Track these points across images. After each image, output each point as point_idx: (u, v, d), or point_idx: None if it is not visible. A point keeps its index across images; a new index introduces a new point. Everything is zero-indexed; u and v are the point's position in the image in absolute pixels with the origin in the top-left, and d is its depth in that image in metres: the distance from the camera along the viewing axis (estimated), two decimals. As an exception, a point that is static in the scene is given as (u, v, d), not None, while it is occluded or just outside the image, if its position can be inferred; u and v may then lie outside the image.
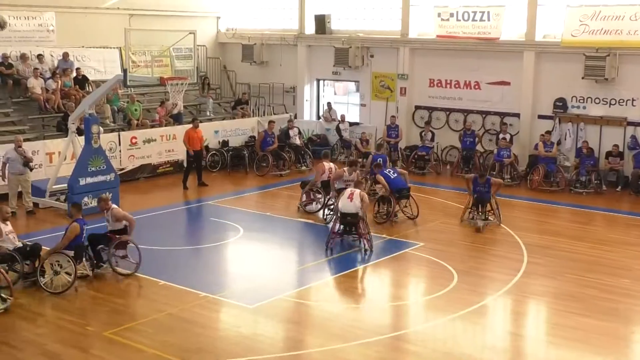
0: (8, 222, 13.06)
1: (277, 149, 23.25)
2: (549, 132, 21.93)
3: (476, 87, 24.12)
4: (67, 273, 12.62)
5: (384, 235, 16.11)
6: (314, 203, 18.20)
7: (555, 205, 19.36)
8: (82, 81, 22.99)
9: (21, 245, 12.95)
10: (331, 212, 17.14)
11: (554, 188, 20.91)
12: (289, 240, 16.52)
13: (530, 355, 10.82)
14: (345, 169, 17.43)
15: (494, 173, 21.68)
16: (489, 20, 23.09)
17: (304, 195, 18.26)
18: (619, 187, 21.04)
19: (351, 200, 14.91)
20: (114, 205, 14.14)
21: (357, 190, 15.11)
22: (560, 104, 22.42)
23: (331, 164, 18.52)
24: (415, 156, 23.57)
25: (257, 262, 14.57)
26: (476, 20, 23.39)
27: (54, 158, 19.27)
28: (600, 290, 13.09)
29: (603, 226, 17.70)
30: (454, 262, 14.26)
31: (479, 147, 23.46)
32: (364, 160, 23.56)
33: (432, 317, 11.96)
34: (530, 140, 22.86)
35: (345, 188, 15.95)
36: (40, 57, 22.67)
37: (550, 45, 22.52)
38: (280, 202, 19.41)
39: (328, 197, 17.58)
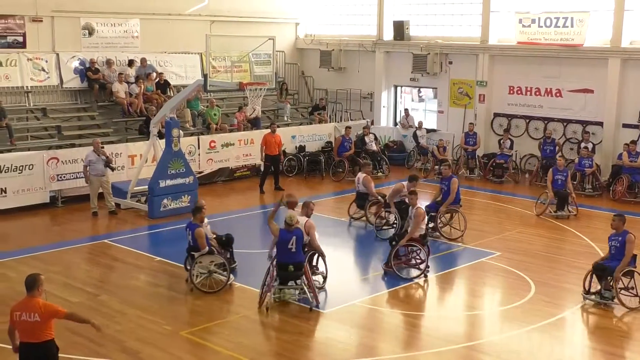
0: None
1: (353, 154, 23.34)
2: (634, 142, 21.29)
3: (557, 94, 23.64)
4: (220, 273, 13.09)
5: (459, 244, 15.98)
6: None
7: (639, 217, 18.80)
8: (163, 86, 23.58)
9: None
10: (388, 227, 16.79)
11: (638, 199, 20.31)
12: (364, 245, 16.54)
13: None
14: (404, 183, 16.44)
15: (575, 183, 21.23)
16: (572, 26, 22.62)
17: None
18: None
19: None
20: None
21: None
22: (646, 113, 21.81)
23: (361, 174, 17.88)
24: (493, 164, 23.27)
25: (331, 267, 14.62)
26: (559, 27, 22.95)
27: (135, 160, 19.83)
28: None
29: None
30: (532, 273, 14.03)
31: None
32: (441, 167, 23.47)
33: (507, 328, 11.78)
34: (614, 150, 22.27)
35: (404, 201, 15.69)
36: (131, 62, 23.36)
37: (637, 51, 21.90)
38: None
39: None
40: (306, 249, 12.76)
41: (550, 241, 16.34)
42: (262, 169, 21.81)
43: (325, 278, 13.18)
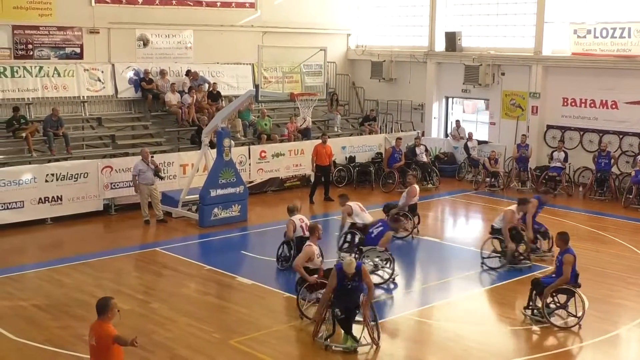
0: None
1: (404, 165, 23.25)
2: (691, 155, 20.80)
3: (613, 106, 23.19)
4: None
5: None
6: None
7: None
8: (215, 96, 23.85)
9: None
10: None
11: (696, 214, 19.82)
12: (412, 257, 16.44)
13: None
14: (513, 207, 15.46)
15: (631, 197, 20.81)
16: (629, 37, 22.19)
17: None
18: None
19: None
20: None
21: None
22: None
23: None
24: (546, 177, 22.93)
25: (380, 278, 14.56)
26: (615, 37, 22.54)
27: (187, 170, 20.07)
28: None
29: None
30: (585, 288, 13.68)
31: (614, 169, 22.53)
32: (493, 179, 23.25)
33: (560, 344, 11.56)
34: (671, 163, 21.75)
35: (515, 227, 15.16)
36: (188, 72, 23.69)
37: (697, 63, 21.42)
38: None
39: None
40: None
41: (604, 255, 15.99)
42: (312, 179, 21.87)
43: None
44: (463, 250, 16.85)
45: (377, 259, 14.19)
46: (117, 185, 19.06)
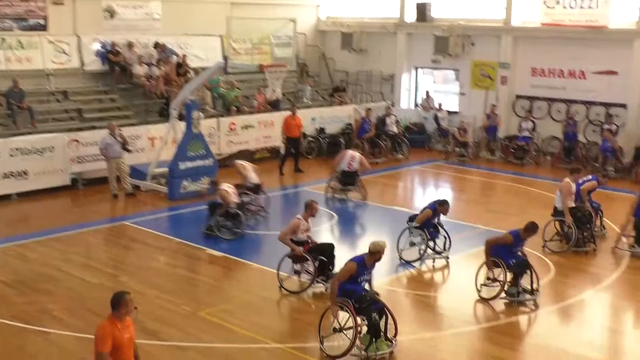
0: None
1: (374, 136, 23.26)
2: (658, 124, 21.03)
3: (581, 76, 23.32)
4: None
5: (479, 225, 15.88)
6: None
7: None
8: (183, 68, 23.57)
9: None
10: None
11: (662, 182, 20.11)
12: (383, 227, 16.50)
13: (630, 353, 10.46)
14: (567, 179, 14.74)
15: (597, 165, 21.04)
16: (597, 7, 22.27)
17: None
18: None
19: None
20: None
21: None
22: (672, 94, 21.48)
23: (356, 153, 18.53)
24: (515, 146, 23.08)
25: (350, 248, 14.60)
26: (584, 8, 22.61)
27: (155, 143, 19.88)
28: None
29: None
30: (551, 255, 13.91)
31: (581, 139, 22.74)
32: (462, 149, 23.35)
33: (527, 309, 11.71)
34: (638, 132, 21.97)
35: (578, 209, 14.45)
36: (157, 44, 23.34)
37: (663, 32, 21.57)
38: (375, 190, 19.33)
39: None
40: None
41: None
42: (282, 151, 21.79)
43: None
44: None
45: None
46: (85, 159, 18.84)
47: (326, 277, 12.10)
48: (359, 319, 9.53)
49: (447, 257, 13.83)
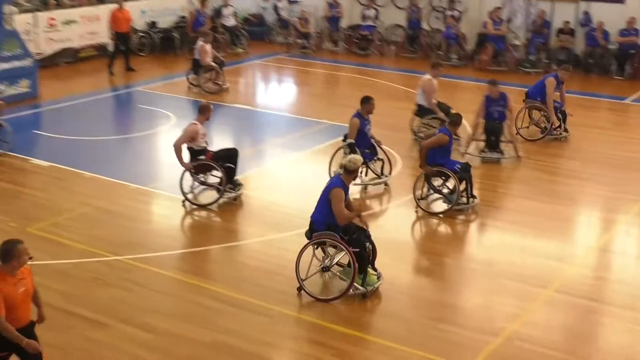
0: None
1: (210, 30, 22.73)
2: (499, 8, 21.81)
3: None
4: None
5: (324, 120, 16.10)
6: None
7: (504, 86, 19.33)
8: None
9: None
10: None
11: (502, 68, 21.06)
12: (225, 126, 16.40)
13: (472, 240, 11.14)
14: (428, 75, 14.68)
15: (441, 53, 21.71)
16: None
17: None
18: (570, 66, 21.24)
19: None
20: None
21: None
22: (511, -21, 22.29)
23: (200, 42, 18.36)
24: (358, 36, 23.32)
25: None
26: None
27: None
28: (546, 172, 13.46)
29: (552, 107, 17.99)
30: (399, 147, 14.35)
31: (425, 26, 23.28)
32: (304, 41, 23.35)
33: (375, 203, 12.12)
34: (480, 18, 22.75)
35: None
36: None
37: None
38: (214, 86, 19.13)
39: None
40: None
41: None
42: (110, 48, 20.92)
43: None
44: (277, 116, 17.03)
45: None
46: None
47: (234, 186, 11.85)
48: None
49: (386, 183, 12.60)
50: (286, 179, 13.25)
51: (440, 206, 11.80)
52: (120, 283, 9.31)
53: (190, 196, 11.70)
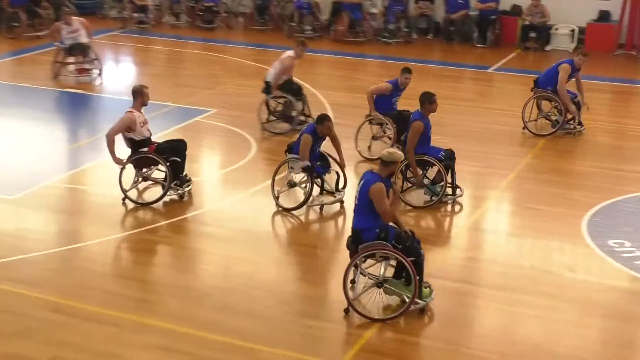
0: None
1: (30, 4, 21.94)
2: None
3: None
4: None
5: (168, 103, 15.89)
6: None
7: (362, 58, 19.89)
8: None
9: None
10: None
11: (360, 39, 21.43)
12: (56, 114, 15.95)
13: (338, 224, 11.33)
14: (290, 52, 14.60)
15: (294, 24, 21.83)
16: None
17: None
18: (430, 34, 21.93)
19: None
20: None
21: None
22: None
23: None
24: (202, 7, 23.09)
25: (15, 143, 13.87)
26: None
27: None
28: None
29: (414, 79, 18.39)
30: (252, 130, 14.35)
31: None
32: (141, 15, 22.92)
33: (230, 193, 12.09)
34: (333, -15, 23.03)
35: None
36: None
37: None
38: (40, 70, 18.47)
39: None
40: None
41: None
42: None
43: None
44: (115, 100, 16.64)
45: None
46: None
47: (180, 182, 11.44)
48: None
49: (342, 200, 11.57)
50: (128, 172, 12.97)
51: (418, 199, 11.66)
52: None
53: (131, 193, 11.39)
